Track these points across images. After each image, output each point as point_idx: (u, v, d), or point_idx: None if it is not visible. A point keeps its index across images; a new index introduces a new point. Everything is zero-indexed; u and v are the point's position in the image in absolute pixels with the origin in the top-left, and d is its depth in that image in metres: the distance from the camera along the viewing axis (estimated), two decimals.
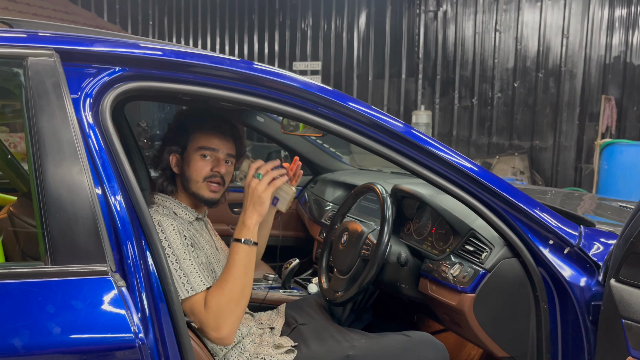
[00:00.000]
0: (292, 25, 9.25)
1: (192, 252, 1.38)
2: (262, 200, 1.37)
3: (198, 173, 1.47)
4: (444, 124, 8.05)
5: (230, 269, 1.35)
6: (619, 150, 5.81)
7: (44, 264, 1.00)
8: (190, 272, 1.34)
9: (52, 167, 1.03)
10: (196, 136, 1.50)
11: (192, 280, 1.33)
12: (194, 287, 1.32)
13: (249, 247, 1.36)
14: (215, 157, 1.50)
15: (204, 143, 1.49)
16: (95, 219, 1.03)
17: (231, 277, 1.33)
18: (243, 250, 1.36)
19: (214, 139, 1.50)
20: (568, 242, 1.41)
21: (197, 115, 1.55)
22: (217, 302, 1.32)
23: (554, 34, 7.29)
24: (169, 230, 1.36)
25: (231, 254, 1.37)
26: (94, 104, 1.13)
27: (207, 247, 1.51)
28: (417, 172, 1.36)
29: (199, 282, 1.34)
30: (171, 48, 1.25)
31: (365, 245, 1.69)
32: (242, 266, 1.35)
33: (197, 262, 1.37)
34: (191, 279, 1.33)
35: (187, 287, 1.32)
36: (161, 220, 1.37)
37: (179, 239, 1.36)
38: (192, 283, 1.33)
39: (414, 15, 8.22)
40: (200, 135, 1.50)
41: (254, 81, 1.26)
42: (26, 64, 1.08)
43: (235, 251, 1.36)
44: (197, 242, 1.45)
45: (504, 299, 1.47)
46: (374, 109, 1.35)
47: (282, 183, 1.40)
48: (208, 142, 1.49)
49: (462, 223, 1.63)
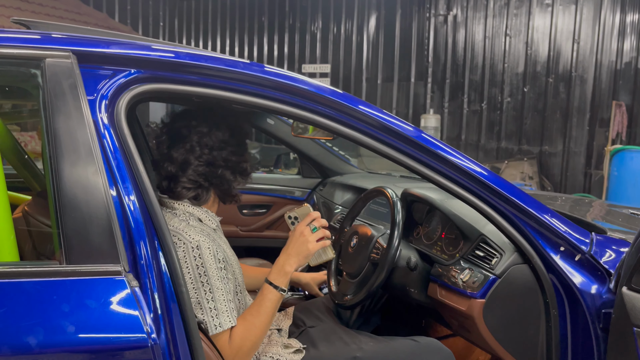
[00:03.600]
0: (301, 27, 9.27)
1: (224, 277, 1.34)
2: (309, 253, 1.38)
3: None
4: (453, 128, 8.04)
5: (261, 315, 1.35)
6: (630, 157, 5.77)
7: (58, 263, 1.01)
8: (221, 304, 1.31)
9: (68, 168, 1.04)
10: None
11: (221, 315, 1.30)
12: (222, 323, 1.30)
13: (281, 295, 1.38)
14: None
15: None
16: (109, 219, 1.04)
17: (259, 323, 1.34)
18: (276, 297, 1.37)
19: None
20: (579, 249, 1.41)
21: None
22: (242, 343, 1.32)
23: (564, 39, 7.26)
24: (206, 255, 1.31)
25: (264, 299, 1.37)
26: (109, 106, 1.15)
27: (232, 257, 1.48)
28: (427, 175, 1.37)
29: (226, 319, 1.31)
30: (185, 51, 1.26)
31: (375, 249, 1.69)
32: (271, 314, 1.36)
33: (226, 290, 1.33)
34: (220, 314, 1.30)
35: (216, 322, 1.30)
36: (200, 243, 1.31)
37: (214, 264, 1.32)
38: (220, 318, 1.30)
39: (424, 19, 8.21)
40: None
41: (267, 84, 1.27)
42: (44, 65, 1.09)
43: (268, 297, 1.36)
44: (227, 257, 1.41)
45: (514, 305, 1.47)
46: (384, 112, 1.35)
47: (329, 245, 1.42)
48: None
49: (473, 228, 1.62)
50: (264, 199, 2.90)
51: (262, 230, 2.90)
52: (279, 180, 3.05)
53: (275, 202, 2.90)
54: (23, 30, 1.21)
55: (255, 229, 2.87)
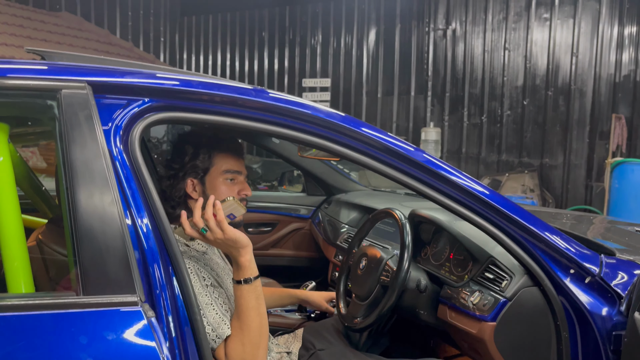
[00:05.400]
0: (302, 42, 9.35)
1: (211, 292, 1.33)
2: (230, 238, 1.26)
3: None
4: (454, 141, 8.06)
5: (242, 316, 1.28)
6: (630, 169, 5.79)
7: (75, 294, 1.02)
8: (213, 318, 1.29)
9: (85, 198, 1.05)
10: (218, 158, 1.43)
11: (217, 328, 1.28)
12: (220, 334, 1.28)
13: (252, 284, 1.29)
14: (240, 180, 1.45)
15: (230, 166, 1.43)
16: (126, 249, 1.04)
17: (245, 325, 1.28)
18: (247, 291, 1.28)
19: (237, 160, 1.45)
20: (589, 272, 1.41)
21: (213, 136, 1.46)
22: (239, 353, 1.27)
23: (563, 52, 7.31)
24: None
25: (237, 300, 1.29)
26: (123, 135, 1.16)
27: (226, 277, 1.47)
28: (431, 197, 1.37)
29: (223, 327, 1.29)
30: (198, 79, 1.28)
31: (385, 272, 1.69)
32: (252, 308, 1.28)
33: (217, 304, 1.32)
34: (216, 327, 1.28)
35: (213, 335, 1.28)
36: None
37: (198, 282, 1.31)
38: (217, 331, 1.28)
39: (423, 33, 8.28)
40: (223, 158, 1.43)
41: (279, 111, 1.28)
42: (60, 96, 1.10)
43: (239, 295, 1.29)
44: (217, 277, 1.40)
45: (525, 327, 1.47)
46: (387, 133, 1.36)
47: (221, 213, 1.26)
48: (234, 165, 1.43)
49: (481, 250, 1.63)
50: (269, 217, 2.91)
51: (268, 249, 2.90)
52: (284, 198, 3.06)
53: (281, 220, 2.91)
54: (38, 61, 1.23)
55: (261, 247, 2.88)
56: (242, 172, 1.47)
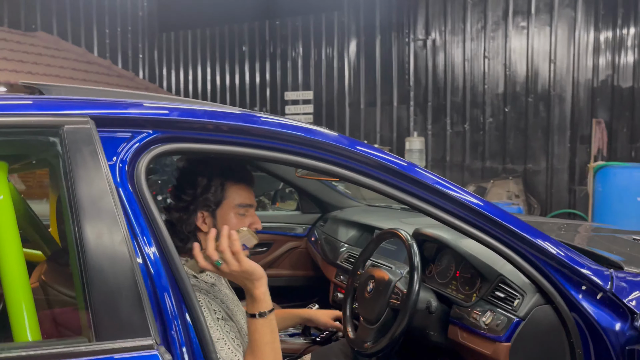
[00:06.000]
0: (282, 55, 9.34)
1: (222, 326, 1.29)
2: (246, 270, 1.22)
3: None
4: (437, 149, 8.12)
5: (256, 351, 1.23)
6: (613, 173, 5.88)
7: (87, 340, 0.97)
8: (226, 353, 1.26)
9: (94, 239, 1.01)
10: (231, 191, 1.37)
11: None
12: None
13: (267, 317, 1.24)
14: (251, 213, 1.41)
15: (243, 199, 1.38)
16: (138, 290, 1.00)
17: (261, 355, 1.23)
18: (262, 325, 1.24)
19: (249, 192, 1.40)
20: (601, 288, 1.41)
21: (225, 166, 1.40)
22: None
23: (541, 59, 7.44)
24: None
25: (252, 334, 1.25)
26: (129, 169, 1.12)
27: (235, 309, 1.43)
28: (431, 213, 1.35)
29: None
30: (203, 108, 1.25)
31: (394, 294, 1.67)
32: (267, 343, 1.24)
33: (229, 338, 1.28)
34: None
35: None
36: None
37: (209, 316, 1.28)
38: None
39: (403, 44, 8.34)
40: (236, 190, 1.38)
41: (285, 138, 1.26)
42: (62, 132, 1.06)
43: (254, 329, 1.24)
44: (227, 309, 1.37)
45: (540, 346, 1.45)
46: (381, 150, 1.34)
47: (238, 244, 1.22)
48: (246, 198, 1.39)
49: (490, 268, 1.62)
50: (264, 237, 2.86)
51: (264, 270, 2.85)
52: (278, 218, 3.02)
53: (276, 240, 2.87)
54: (39, 97, 1.19)
55: None
56: (253, 205, 1.42)
